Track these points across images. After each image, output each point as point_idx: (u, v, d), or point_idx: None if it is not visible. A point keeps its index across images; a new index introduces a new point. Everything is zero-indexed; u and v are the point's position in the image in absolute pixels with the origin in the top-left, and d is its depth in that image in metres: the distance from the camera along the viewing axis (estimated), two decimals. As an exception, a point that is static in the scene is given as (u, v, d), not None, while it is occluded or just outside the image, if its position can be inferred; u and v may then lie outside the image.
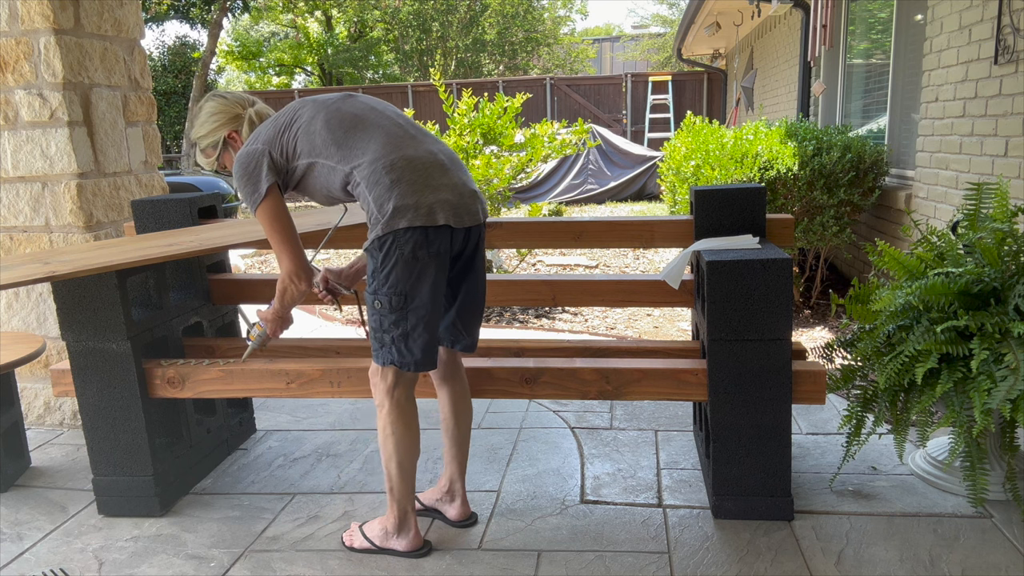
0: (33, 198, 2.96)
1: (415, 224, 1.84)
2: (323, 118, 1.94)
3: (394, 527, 2.11)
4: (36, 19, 2.78)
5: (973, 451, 2.13)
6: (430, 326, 1.94)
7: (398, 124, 1.96)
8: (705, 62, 13.93)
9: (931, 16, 3.97)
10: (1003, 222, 2.22)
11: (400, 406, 2.00)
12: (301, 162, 1.95)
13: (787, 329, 2.09)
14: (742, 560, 2.04)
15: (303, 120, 1.95)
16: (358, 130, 1.92)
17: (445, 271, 1.94)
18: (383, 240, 1.87)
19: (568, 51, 24.33)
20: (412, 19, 20.84)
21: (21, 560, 2.19)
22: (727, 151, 4.42)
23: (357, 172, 1.89)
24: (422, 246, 1.86)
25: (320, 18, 22.93)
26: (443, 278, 1.93)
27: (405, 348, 1.93)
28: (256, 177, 1.93)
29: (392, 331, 1.92)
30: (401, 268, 1.87)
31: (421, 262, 1.87)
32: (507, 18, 21.72)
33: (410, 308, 1.90)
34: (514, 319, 5.01)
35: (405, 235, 1.85)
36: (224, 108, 2.11)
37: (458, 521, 2.26)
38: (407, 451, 2.02)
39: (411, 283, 1.88)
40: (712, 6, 8.94)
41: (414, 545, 2.11)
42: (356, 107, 1.97)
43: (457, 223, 1.89)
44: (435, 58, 21.87)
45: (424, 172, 1.88)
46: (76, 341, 2.28)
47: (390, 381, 1.98)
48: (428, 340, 1.94)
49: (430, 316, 1.93)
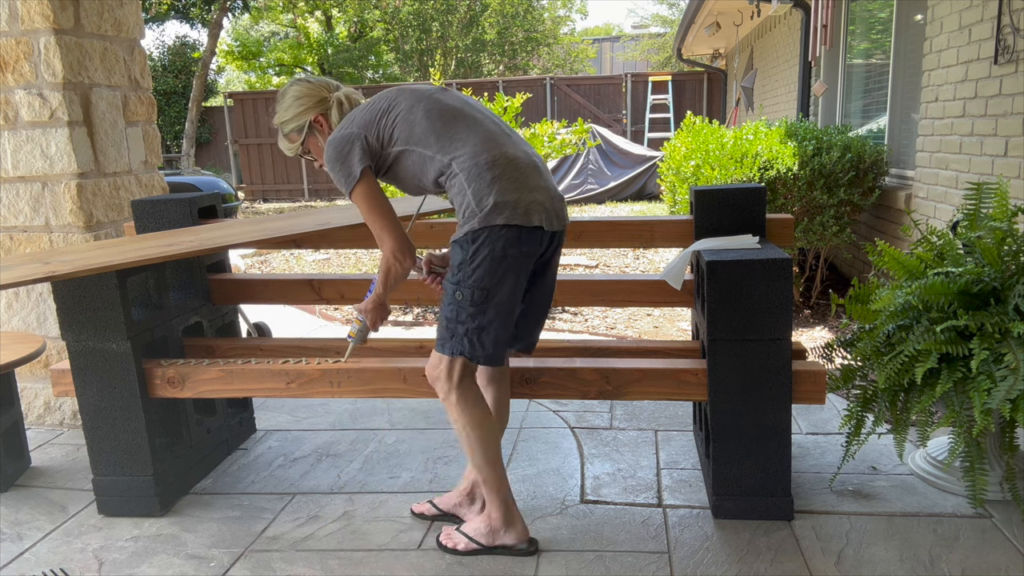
0: (33, 198, 2.96)
1: (512, 222, 1.85)
2: (424, 108, 1.94)
3: (500, 521, 2.07)
4: (36, 19, 2.78)
5: (973, 451, 2.13)
6: (506, 323, 1.94)
7: (493, 122, 1.98)
8: (705, 62, 13.92)
9: (931, 16, 3.97)
10: (1003, 222, 2.22)
11: (469, 395, 1.99)
12: (395, 149, 1.95)
13: (787, 329, 2.09)
14: (742, 560, 2.04)
15: (402, 108, 1.95)
16: (458, 123, 1.92)
17: (528, 272, 1.95)
18: (477, 234, 1.87)
19: (568, 51, 24.32)
20: (412, 19, 20.83)
21: (21, 560, 2.19)
22: (727, 151, 4.41)
23: (456, 163, 1.89)
24: (513, 244, 1.86)
25: (320, 18, 22.93)
26: (525, 278, 1.95)
27: (478, 341, 1.93)
28: (350, 160, 1.93)
29: (468, 323, 1.92)
30: (490, 264, 1.87)
31: (510, 260, 1.87)
32: (507, 18, 21.72)
33: (490, 304, 1.90)
34: (514, 319, 5.00)
35: (499, 232, 1.85)
36: (310, 92, 2.08)
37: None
38: (490, 434, 2.01)
39: (496, 280, 1.88)
40: (712, 6, 8.94)
41: (524, 535, 2.08)
42: (454, 100, 1.98)
43: (549, 226, 1.91)
44: (435, 58, 21.86)
45: (523, 172, 1.90)
46: (76, 341, 2.28)
47: (458, 373, 1.98)
48: (501, 336, 1.95)
49: (508, 313, 1.94)
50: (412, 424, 3.06)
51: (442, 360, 1.98)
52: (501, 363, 2.01)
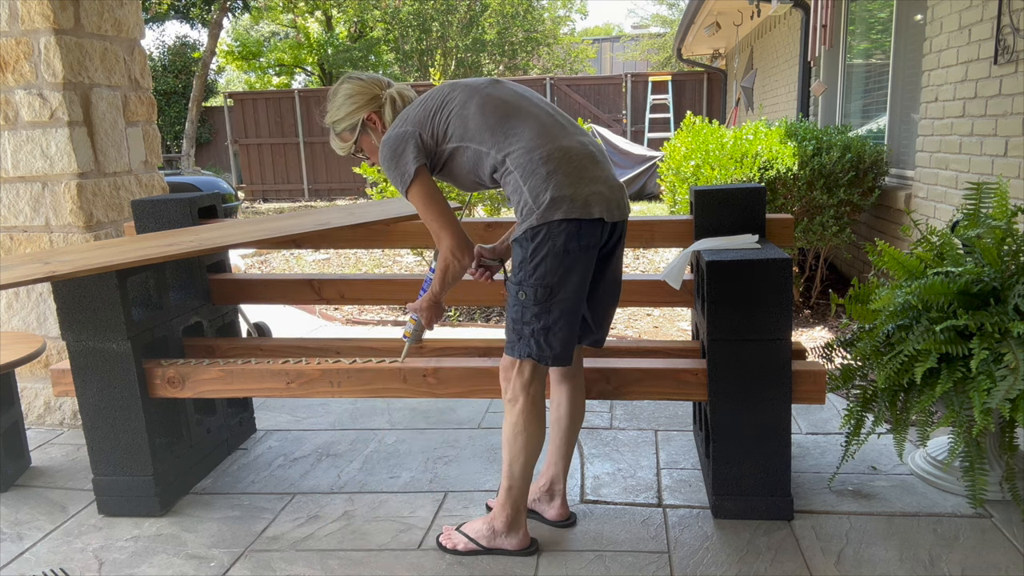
0: (33, 198, 2.96)
1: (571, 216, 1.81)
2: (477, 102, 1.90)
3: (504, 526, 2.07)
4: (36, 19, 2.78)
5: (972, 451, 2.13)
6: (572, 321, 1.90)
7: (549, 114, 1.94)
8: (705, 62, 13.92)
9: (931, 16, 3.97)
10: (1003, 222, 2.22)
11: (535, 402, 1.96)
12: (450, 145, 1.92)
13: (787, 329, 2.09)
14: (742, 560, 2.04)
15: (455, 103, 1.92)
16: (512, 117, 1.89)
17: (592, 265, 1.90)
18: (536, 231, 1.83)
19: (568, 51, 24.31)
20: (412, 19, 20.83)
21: (21, 560, 2.19)
22: (727, 151, 4.41)
23: (510, 160, 1.85)
24: (574, 239, 1.82)
25: (320, 18, 22.93)
26: (589, 273, 1.90)
27: (544, 342, 1.89)
28: (404, 159, 1.90)
29: (533, 324, 1.88)
30: (551, 260, 1.83)
31: (572, 255, 1.83)
32: (507, 18, 21.71)
33: (554, 301, 1.86)
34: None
35: (559, 227, 1.81)
36: (362, 89, 2.04)
37: (557, 521, 2.23)
38: (535, 450, 1.99)
39: (559, 276, 1.84)
40: (712, 6, 8.94)
41: (524, 543, 2.08)
42: (507, 93, 1.94)
43: (609, 216, 1.86)
44: (435, 58, 21.86)
45: (579, 163, 1.85)
46: (76, 341, 2.28)
47: (527, 376, 1.94)
48: (568, 335, 1.91)
49: (573, 310, 1.89)
50: (412, 424, 3.06)
51: (513, 363, 1.95)
52: (570, 363, 1.96)
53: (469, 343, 2.66)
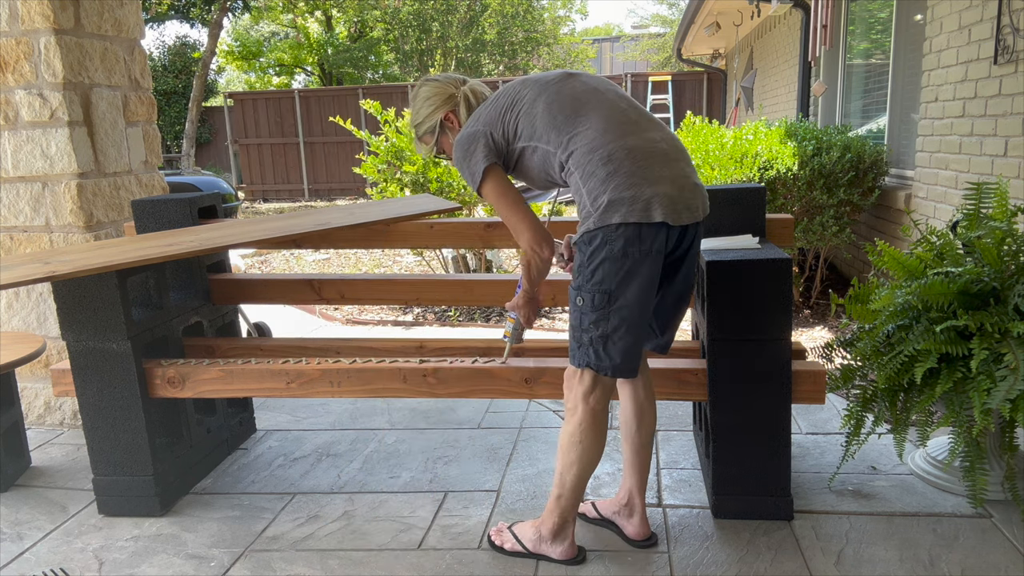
0: (33, 198, 2.96)
1: (629, 220, 1.72)
2: (545, 100, 1.85)
3: (550, 533, 2.02)
4: (36, 19, 2.78)
5: (973, 451, 2.13)
6: (634, 330, 1.81)
7: (620, 109, 1.84)
8: (705, 62, 13.92)
9: (931, 16, 3.97)
10: (1003, 222, 2.22)
11: (595, 414, 1.89)
12: (519, 145, 1.89)
13: (787, 329, 2.09)
14: (742, 560, 2.04)
15: (525, 102, 1.88)
16: (578, 114, 1.82)
17: (658, 271, 1.80)
18: (593, 235, 1.77)
19: (568, 51, 24.30)
20: (412, 19, 20.83)
21: (21, 560, 2.19)
22: (727, 151, 4.42)
23: (572, 160, 1.79)
24: (634, 243, 1.74)
25: (320, 18, 22.92)
26: (655, 279, 1.80)
27: (604, 351, 1.82)
28: (475, 159, 1.87)
29: (592, 331, 1.81)
30: (609, 265, 1.76)
31: (632, 260, 1.75)
32: (507, 18, 21.71)
33: (613, 308, 1.78)
34: (514, 319, 5.00)
35: (617, 231, 1.73)
36: (438, 90, 2.02)
37: (636, 540, 2.12)
38: (590, 463, 1.93)
39: (618, 281, 1.76)
40: (712, 6, 8.94)
41: (569, 554, 2.02)
42: (577, 89, 1.87)
43: (674, 220, 1.75)
44: (435, 58, 21.85)
45: (643, 163, 1.76)
46: (76, 341, 2.28)
47: (587, 385, 1.87)
48: (630, 345, 1.82)
49: (635, 319, 1.80)
50: (412, 424, 3.06)
51: (575, 372, 1.90)
52: (633, 374, 1.88)
53: (469, 343, 2.66)
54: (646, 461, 2.11)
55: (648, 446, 2.11)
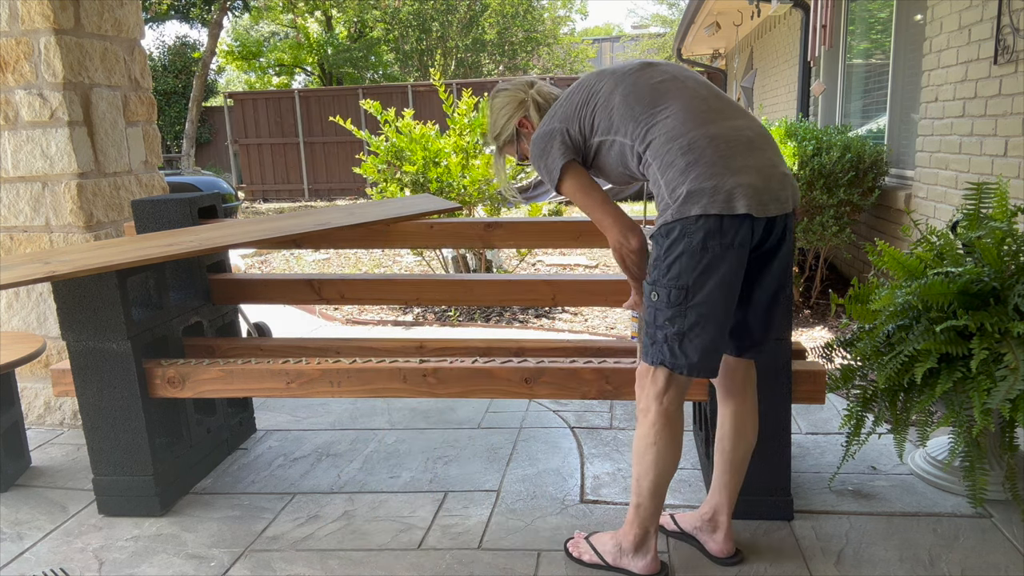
0: (33, 198, 2.96)
1: (710, 212, 1.63)
2: (621, 92, 1.79)
3: (631, 546, 1.92)
4: (36, 19, 2.78)
5: (973, 451, 2.13)
6: (711, 327, 1.71)
7: (701, 97, 1.76)
8: (705, 62, 13.92)
9: (931, 16, 3.97)
10: (1003, 222, 2.22)
11: (668, 415, 1.79)
12: (597, 139, 1.83)
13: (787, 329, 2.09)
14: (742, 560, 2.04)
15: (602, 95, 1.82)
16: (656, 104, 1.75)
17: (742, 266, 1.70)
18: (671, 227, 1.68)
19: (568, 51, 24.32)
20: (412, 19, 20.83)
21: (21, 560, 2.19)
22: (727, 151, 4.41)
23: (649, 152, 1.72)
24: (714, 236, 1.64)
25: (320, 18, 22.93)
26: (738, 274, 1.70)
27: (679, 349, 1.72)
28: (551, 156, 1.83)
29: (667, 328, 1.72)
30: (687, 259, 1.67)
31: (711, 253, 1.65)
32: (507, 18, 21.71)
33: (691, 304, 1.69)
34: (514, 319, 5.01)
35: (696, 223, 1.65)
36: (509, 99, 1.99)
37: (720, 557, 2.01)
38: (667, 467, 1.82)
39: (696, 276, 1.67)
40: (712, 6, 8.94)
41: (652, 569, 1.91)
42: (655, 78, 1.80)
43: (759, 211, 1.65)
44: (435, 58, 21.86)
45: (726, 152, 1.67)
46: (76, 341, 2.28)
47: (660, 384, 1.78)
48: (708, 343, 1.72)
49: (714, 316, 1.70)
50: (412, 424, 3.06)
51: (648, 370, 1.81)
52: (712, 374, 1.78)
53: (469, 343, 2.66)
54: (738, 480, 1.99)
55: (744, 464, 1.98)
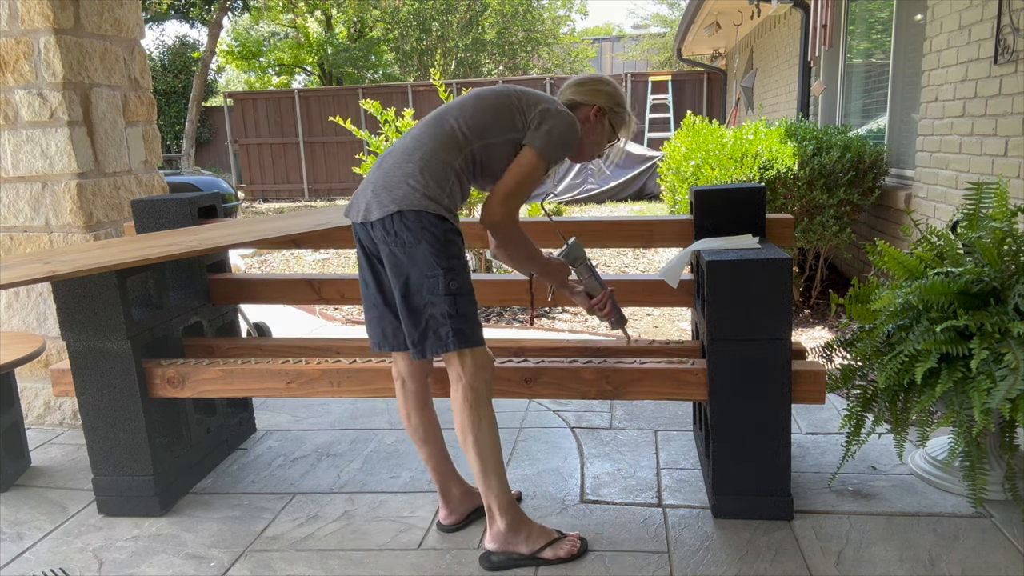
0: (33, 198, 2.96)
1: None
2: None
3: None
4: (36, 19, 2.78)
5: (973, 451, 2.13)
6: (369, 314, 2.16)
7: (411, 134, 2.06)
8: (705, 62, 13.92)
9: (931, 16, 3.97)
10: (1003, 222, 2.22)
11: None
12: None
13: (787, 329, 2.09)
14: (742, 560, 2.04)
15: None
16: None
17: (364, 265, 2.07)
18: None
19: (568, 51, 24.30)
20: (412, 19, 20.83)
21: (21, 560, 2.19)
22: (727, 151, 4.41)
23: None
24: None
25: (320, 18, 22.93)
26: (364, 272, 2.08)
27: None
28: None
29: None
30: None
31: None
32: (507, 18, 21.71)
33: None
34: (514, 319, 5.01)
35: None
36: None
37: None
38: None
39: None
40: (712, 6, 8.94)
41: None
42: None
43: (345, 213, 2.07)
44: (435, 58, 21.86)
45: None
46: (76, 341, 2.28)
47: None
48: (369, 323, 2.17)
49: (367, 304, 2.13)
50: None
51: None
52: (374, 348, 2.17)
53: (469, 343, 2.65)
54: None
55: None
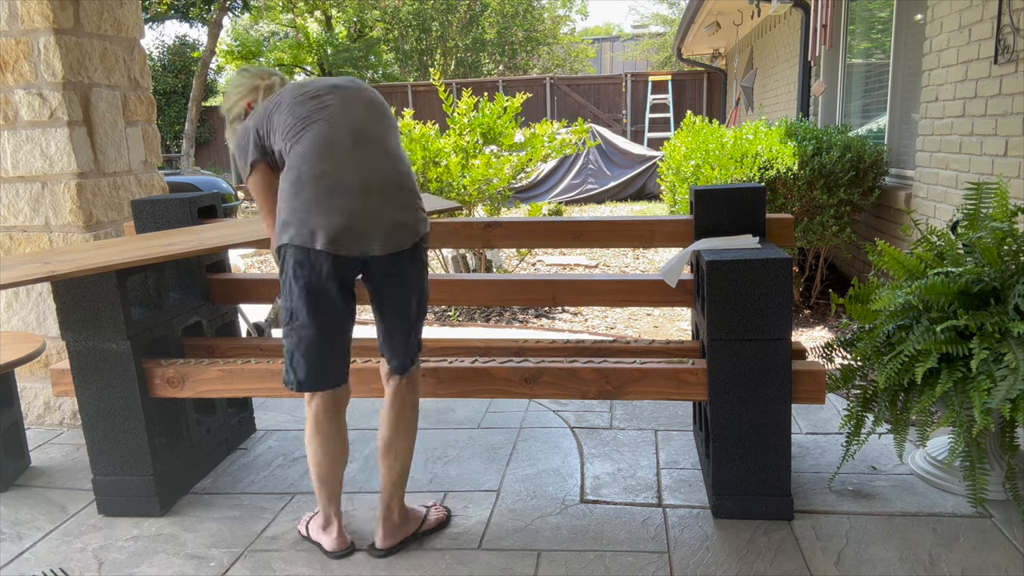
0: (33, 198, 2.96)
1: (295, 242, 1.82)
2: (287, 110, 1.89)
3: (319, 526, 2.18)
4: (36, 19, 2.77)
5: (973, 451, 2.13)
6: (315, 347, 1.90)
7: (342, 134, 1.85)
8: (705, 62, 13.92)
9: (931, 16, 3.97)
10: (1003, 222, 2.22)
11: (316, 420, 2.00)
12: (276, 146, 1.92)
13: (787, 329, 2.09)
14: (742, 560, 2.04)
15: (280, 107, 1.91)
16: (302, 131, 1.86)
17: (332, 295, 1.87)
18: (277, 252, 1.88)
19: (568, 51, 24.31)
20: (412, 19, 20.83)
21: (21, 560, 2.19)
22: (727, 151, 4.41)
23: (283, 173, 1.89)
24: (303, 266, 1.83)
25: (320, 18, 22.92)
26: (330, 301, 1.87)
27: (291, 366, 1.94)
28: (245, 152, 1.97)
29: (287, 346, 1.93)
30: (290, 284, 1.86)
31: (302, 280, 1.84)
32: (507, 18, 21.71)
33: (295, 326, 1.89)
34: (514, 319, 5.01)
35: (288, 251, 1.84)
36: (244, 80, 2.14)
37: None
38: (321, 463, 2.05)
39: (295, 300, 1.87)
40: (712, 6, 8.94)
41: (335, 546, 2.13)
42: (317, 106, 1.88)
43: (337, 250, 1.82)
44: (435, 58, 21.86)
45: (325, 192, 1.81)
46: (76, 341, 2.28)
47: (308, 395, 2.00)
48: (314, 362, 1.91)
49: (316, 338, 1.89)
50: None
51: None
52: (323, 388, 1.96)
53: (469, 343, 2.66)
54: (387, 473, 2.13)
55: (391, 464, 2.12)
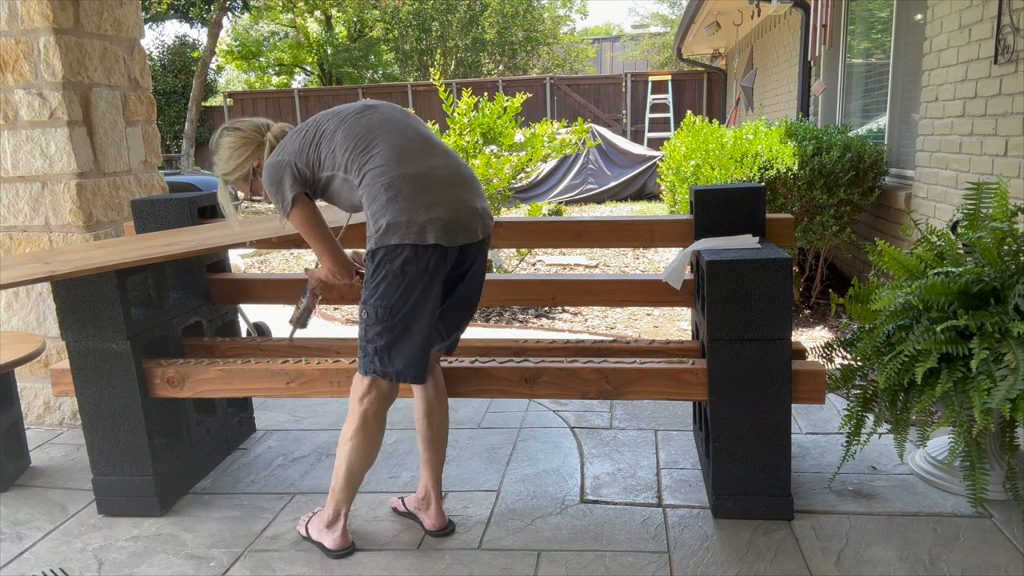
0: (33, 198, 2.96)
1: (405, 241, 1.89)
2: (343, 132, 1.99)
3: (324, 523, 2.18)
4: (36, 19, 2.77)
5: (973, 451, 2.13)
6: (414, 339, 1.99)
7: (407, 138, 1.99)
8: (705, 62, 13.92)
9: (931, 16, 3.97)
10: (1003, 222, 2.22)
11: (366, 417, 2.05)
12: (324, 174, 2.02)
13: (787, 329, 2.09)
14: (742, 560, 2.04)
15: (326, 134, 2.01)
16: (369, 145, 1.97)
17: (437, 286, 1.97)
18: (375, 253, 1.93)
19: (568, 51, 24.31)
20: (412, 19, 20.83)
21: (21, 560, 2.19)
22: (727, 151, 4.41)
23: (362, 186, 1.95)
24: (411, 262, 1.90)
25: (320, 18, 22.92)
26: (433, 294, 1.97)
27: (388, 358, 1.99)
28: (282, 188, 2.00)
29: (376, 341, 1.98)
30: (390, 282, 1.92)
31: (409, 277, 1.92)
32: (507, 18, 21.71)
33: (395, 320, 1.95)
34: (514, 319, 5.01)
35: (395, 251, 1.90)
36: (245, 140, 2.15)
37: (432, 531, 2.24)
38: (359, 462, 2.08)
39: (397, 297, 1.93)
40: (712, 6, 8.93)
41: (338, 544, 2.15)
42: (372, 120, 2.01)
43: (448, 241, 1.92)
44: (435, 58, 21.86)
45: (421, 190, 1.91)
46: (76, 341, 2.28)
47: (361, 391, 2.05)
48: (412, 353, 2.00)
49: (416, 330, 1.98)
50: (412, 424, 3.06)
51: (360, 380, 2.05)
52: (418, 380, 2.04)
53: (469, 343, 2.66)
54: (438, 457, 2.24)
55: (438, 441, 2.23)
